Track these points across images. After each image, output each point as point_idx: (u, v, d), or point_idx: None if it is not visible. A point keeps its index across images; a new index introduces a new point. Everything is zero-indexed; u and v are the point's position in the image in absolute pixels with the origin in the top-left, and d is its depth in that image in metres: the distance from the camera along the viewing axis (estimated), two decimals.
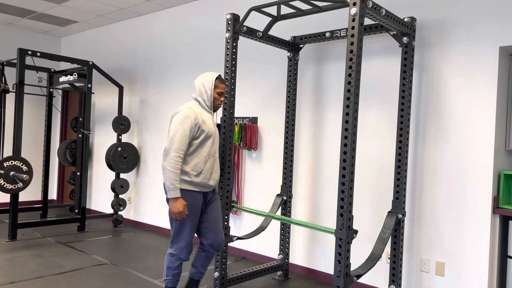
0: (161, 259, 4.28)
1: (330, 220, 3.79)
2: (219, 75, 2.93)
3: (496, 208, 2.94)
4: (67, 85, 6.76)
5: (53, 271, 3.77)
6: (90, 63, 5.32)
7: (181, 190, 2.75)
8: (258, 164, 4.38)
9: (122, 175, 5.90)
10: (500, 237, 3.02)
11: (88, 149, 5.58)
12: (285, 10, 4.04)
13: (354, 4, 2.43)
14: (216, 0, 4.88)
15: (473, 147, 3.01)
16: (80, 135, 5.67)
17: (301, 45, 3.89)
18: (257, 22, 4.37)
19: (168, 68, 5.44)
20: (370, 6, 2.54)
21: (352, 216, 2.48)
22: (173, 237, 2.87)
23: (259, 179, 4.36)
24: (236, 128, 4.32)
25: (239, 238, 3.37)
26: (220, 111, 4.72)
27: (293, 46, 3.85)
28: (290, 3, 3.15)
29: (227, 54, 3.27)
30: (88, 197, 6.63)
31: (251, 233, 3.53)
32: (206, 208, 2.94)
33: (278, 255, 3.87)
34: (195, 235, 3.00)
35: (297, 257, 4.02)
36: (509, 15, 2.88)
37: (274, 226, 4.18)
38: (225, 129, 3.28)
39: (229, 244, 4.50)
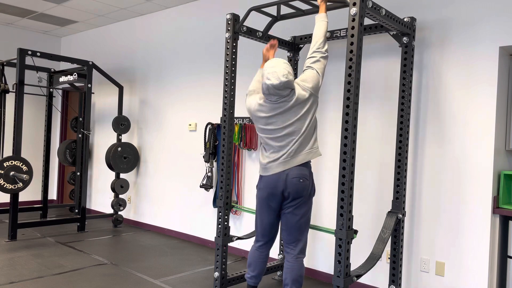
0: (161, 259, 4.28)
1: (330, 220, 3.79)
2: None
3: (496, 208, 2.94)
4: (67, 85, 6.76)
5: (53, 271, 3.77)
6: (90, 63, 5.32)
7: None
8: (258, 164, 4.38)
9: (122, 175, 5.90)
10: (500, 237, 3.02)
11: (88, 149, 5.58)
12: (285, 10, 4.04)
13: (354, 4, 2.43)
14: (216, 0, 4.88)
15: (473, 147, 3.01)
16: (80, 135, 5.67)
17: (301, 45, 3.89)
18: (257, 22, 4.37)
19: (168, 68, 5.44)
20: (370, 6, 2.54)
21: (352, 216, 2.48)
22: (306, 239, 2.79)
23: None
24: (236, 128, 4.32)
25: (239, 238, 3.37)
26: (219, 111, 4.72)
27: (293, 46, 3.85)
28: (290, 3, 3.15)
29: (227, 54, 3.27)
30: (88, 197, 6.63)
31: (251, 233, 3.53)
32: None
33: (278, 255, 3.87)
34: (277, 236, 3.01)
35: None
36: (509, 15, 2.88)
37: None
38: (225, 129, 3.28)
39: (229, 244, 4.50)
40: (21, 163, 4.70)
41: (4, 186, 4.58)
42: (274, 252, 4.18)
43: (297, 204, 2.73)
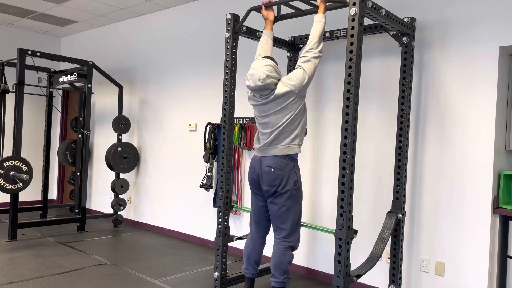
0: (161, 259, 4.28)
1: (330, 220, 3.79)
2: None
3: (496, 208, 2.94)
4: (67, 85, 6.76)
5: (53, 271, 3.77)
6: (90, 63, 5.32)
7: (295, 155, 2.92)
8: None
9: (122, 175, 5.90)
10: (500, 237, 3.02)
11: (88, 149, 5.58)
12: (285, 10, 4.03)
13: (354, 4, 2.43)
14: (216, 0, 4.88)
15: (473, 147, 3.01)
16: (80, 135, 5.67)
17: (301, 45, 3.89)
18: (257, 22, 4.37)
19: (168, 68, 5.44)
20: (370, 6, 2.54)
21: (352, 216, 2.48)
22: (293, 226, 2.87)
23: None
24: (236, 128, 4.32)
25: (239, 238, 3.37)
26: (219, 111, 4.72)
27: (293, 46, 3.85)
28: (290, 3, 3.15)
29: (227, 54, 3.27)
30: (88, 197, 6.63)
31: None
32: None
33: None
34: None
35: (297, 257, 4.02)
36: (509, 15, 2.88)
37: None
38: (225, 129, 3.28)
39: (229, 244, 4.50)
40: (21, 163, 4.70)
41: (4, 186, 4.58)
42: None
43: (275, 194, 2.87)
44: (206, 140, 4.66)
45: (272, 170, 2.83)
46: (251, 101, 3.01)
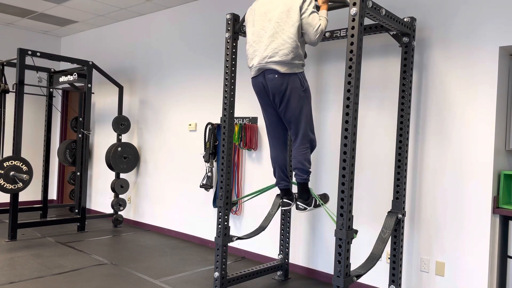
0: (161, 259, 4.28)
1: (330, 220, 3.79)
2: None
3: (496, 208, 2.94)
4: (67, 85, 6.76)
5: (53, 271, 3.77)
6: (90, 63, 5.32)
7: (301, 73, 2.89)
8: (258, 164, 4.38)
9: (122, 175, 5.90)
10: (500, 237, 3.02)
11: (88, 149, 5.58)
12: None
13: (354, 4, 2.43)
14: (216, 0, 4.88)
15: (473, 147, 3.01)
16: (80, 135, 5.67)
17: None
18: None
19: (168, 68, 5.44)
20: (370, 6, 2.54)
21: (352, 216, 2.48)
22: (306, 127, 2.91)
23: (259, 179, 4.36)
24: (236, 128, 4.32)
25: (239, 238, 3.37)
26: (219, 111, 4.72)
27: None
28: None
29: (227, 54, 3.27)
30: (88, 197, 6.63)
31: (251, 233, 3.53)
32: None
33: (278, 255, 3.87)
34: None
35: (297, 257, 4.02)
36: (509, 15, 2.88)
37: (274, 226, 4.18)
38: (225, 129, 3.28)
39: (229, 244, 4.50)
40: (21, 163, 4.70)
41: (4, 186, 4.58)
42: (274, 252, 4.18)
43: (283, 100, 2.86)
44: (206, 140, 4.66)
45: (276, 76, 2.82)
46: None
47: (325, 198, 3.14)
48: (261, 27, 2.87)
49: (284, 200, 3.12)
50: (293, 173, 3.05)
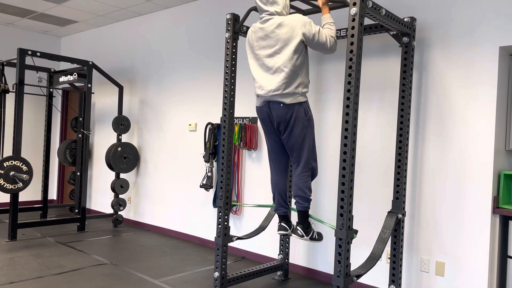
0: (161, 259, 4.28)
1: (330, 220, 3.79)
2: None
3: (496, 208, 2.94)
4: (67, 85, 6.76)
5: (53, 271, 3.77)
6: (90, 63, 5.32)
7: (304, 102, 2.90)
8: (258, 164, 4.38)
9: (122, 175, 5.90)
10: (500, 237, 3.02)
11: (88, 149, 5.58)
12: None
13: (354, 4, 2.43)
14: (216, 0, 4.87)
15: (473, 147, 3.01)
16: (80, 135, 5.67)
17: None
18: None
19: (168, 68, 5.44)
20: (370, 6, 2.54)
21: (352, 216, 2.47)
22: (309, 155, 2.92)
23: (259, 179, 4.36)
24: (236, 128, 4.32)
25: (239, 238, 3.37)
26: (219, 111, 4.72)
27: None
28: (290, 3, 3.15)
29: (227, 54, 3.27)
30: (88, 197, 6.63)
31: (251, 233, 3.53)
32: None
33: (278, 255, 3.87)
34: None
35: (297, 257, 4.02)
36: (509, 15, 2.88)
37: (274, 226, 4.18)
38: (225, 129, 3.28)
39: (229, 244, 4.50)
40: (21, 163, 4.70)
41: (4, 186, 4.58)
42: (274, 252, 4.18)
43: (287, 128, 2.89)
44: (206, 140, 4.66)
45: (282, 105, 2.84)
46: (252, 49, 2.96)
47: (320, 235, 3.09)
48: (262, 61, 2.89)
49: (282, 224, 3.09)
50: (294, 200, 3.03)
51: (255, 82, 2.95)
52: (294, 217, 3.71)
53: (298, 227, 2.99)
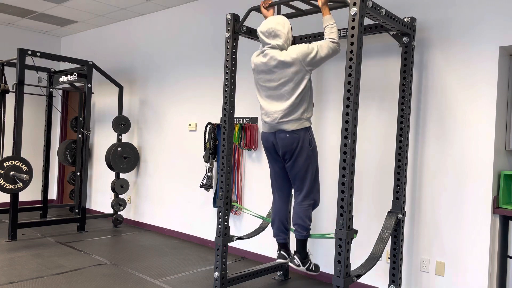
0: (161, 259, 4.28)
1: (330, 220, 3.79)
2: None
3: (496, 208, 2.94)
4: (67, 85, 6.76)
5: (53, 271, 3.77)
6: (90, 63, 5.32)
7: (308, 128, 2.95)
8: (258, 164, 4.38)
9: (122, 175, 5.90)
10: (500, 237, 3.02)
11: (88, 149, 5.58)
12: (285, 10, 4.03)
13: (354, 4, 2.43)
14: (216, 0, 4.87)
15: (473, 147, 3.01)
16: (80, 135, 5.67)
17: None
18: (257, 22, 4.37)
19: (168, 68, 5.44)
20: (370, 6, 2.54)
21: (352, 216, 2.48)
22: (311, 184, 2.96)
23: (259, 179, 4.36)
24: (236, 128, 4.32)
25: (239, 238, 3.37)
26: (219, 111, 4.72)
27: None
28: (290, 3, 3.15)
29: (227, 54, 3.27)
30: (88, 197, 6.63)
31: (251, 233, 3.53)
32: None
33: None
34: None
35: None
36: (509, 15, 2.88)
37: None
38: (225, 129, 3.28)
39: (229, 244, 4.50)
40: (21, 163, 4.70)
41: (4, 186, 4.58)
42: (274, 252, 4.18)
43: (292, 157, 2.93)
44: (206, 140, 4.66)
45: (288, 135, 2.88)
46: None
47: (317, 267, 3.09)
48: (267, 92, 2.94)
49: (281, 252, 3.11)
50: (293, 228, 3.04)
51: (261, 109, 3.01)
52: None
53: (295, 256, 3.00)
